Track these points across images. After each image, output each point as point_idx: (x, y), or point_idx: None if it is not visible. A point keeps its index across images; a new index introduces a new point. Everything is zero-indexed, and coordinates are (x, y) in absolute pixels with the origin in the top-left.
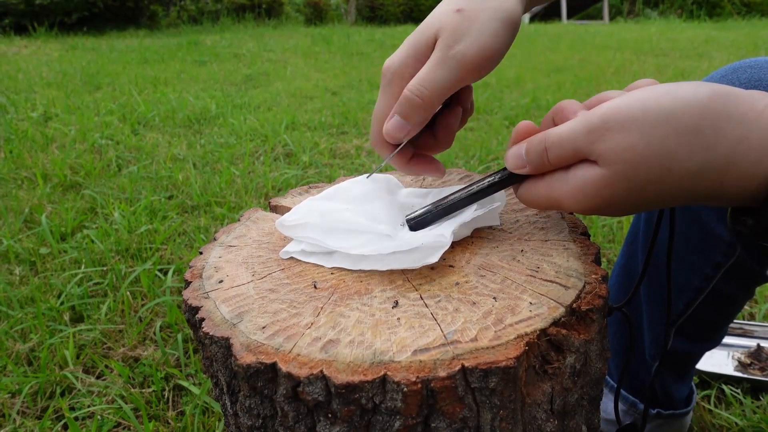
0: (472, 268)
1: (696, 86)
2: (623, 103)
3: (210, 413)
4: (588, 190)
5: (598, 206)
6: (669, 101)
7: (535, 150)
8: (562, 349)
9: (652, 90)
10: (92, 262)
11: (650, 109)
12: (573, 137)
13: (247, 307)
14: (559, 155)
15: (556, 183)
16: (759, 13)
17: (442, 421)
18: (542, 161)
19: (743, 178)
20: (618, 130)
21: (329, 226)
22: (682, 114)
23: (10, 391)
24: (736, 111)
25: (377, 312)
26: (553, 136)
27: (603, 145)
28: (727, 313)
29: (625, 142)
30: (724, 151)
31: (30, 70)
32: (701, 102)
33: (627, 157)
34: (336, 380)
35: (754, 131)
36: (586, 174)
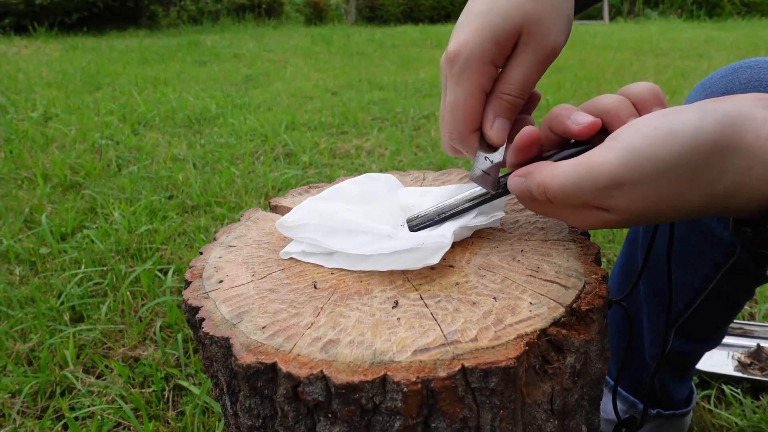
0: (472, 268)
1: (699, 121)
2: (629, 157)
3: (210, 413)
4: (596, 224)
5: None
6: (676, 147)
7: (538, 195)
8: (562, 349)
9: (655, 135)
10: (92, 262)
11: (659, 159)
12: (579, 194)
13: (247, 307)
14: (564, 203)
15: (563, 212)
16: (759, 13)
17: (443, 421)
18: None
19: (747, 201)
20: (628, 187)
21: (329, 227)
22: (689, 156)
23: (10, 391)
24: (741, 143)
25: (377, 312)
26: (556, 189)
27: (614, 201)
28: (727, 314)
29: (637, 195)
30: (729, 184)
31: (30, 70)
32: (709, 140)
33: (639, 207)
34: (336, 380)
35: (759, 160)
36: (596, 215)
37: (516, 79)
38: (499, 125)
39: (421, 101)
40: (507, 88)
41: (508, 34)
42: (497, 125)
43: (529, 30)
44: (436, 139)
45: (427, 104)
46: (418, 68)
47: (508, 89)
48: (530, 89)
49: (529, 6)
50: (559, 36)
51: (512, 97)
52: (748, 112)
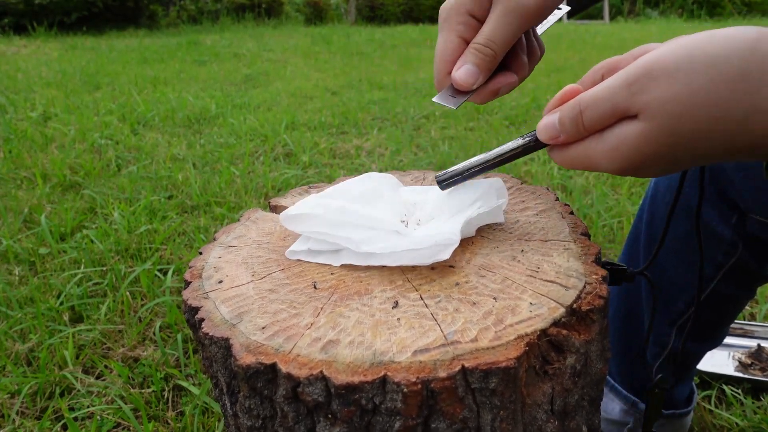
0: (472, 268)
1: (741, 28)
2: (666, 51)
3: (210, 413)
4: (627, 148)
5: (637, 165)
6: (715, 46)
7: (569, 116)
8: (563, 349)
9: (695, 37)
10: (92, 262)
11: (696, 56)
12: (611, 94)
13: (247, 307)
14: (595, 117)
15: (592, 143)
16: (759, 13)
17: (443, 421)
18: (577, 127)
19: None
20: (662, 78)
21: (336, 220)
22: (729, 57)
23: (10, 392)
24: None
25: (377, 312)
26: (588, 96)
27: (645, 96)
28: (728, 313)
29: (669, 92)
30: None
31: (29, 69)
32: (748, 43)
33: (671, 109)
34: (336, 381)
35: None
36: (626, 131)
37: (486, 31)
38: (465, 69)
39: (421, 101)
40: (477, 38)
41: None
42: (463, 69)
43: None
44: (436, 139)
45: (427, 104)
46: (418, 68)
47: (477, 39)
48: (500, 42)
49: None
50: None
51: (480, 46)
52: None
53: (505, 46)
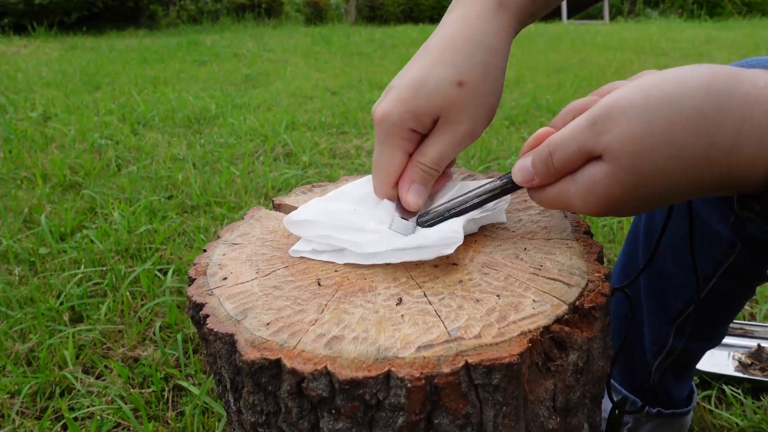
0: (475, 265)
1: (696, 68)
2: (624, 92)
3: (210, 413)
4: (597, 189)
5: (608, 206)
6: (670, 86)
7: (540, 158)
8: (565, 346)
9: (652, 77)
10: (92, 262)
11: (652, 95)
12: (577, 134)
13: (252, 303)
14: (564, 158)
15: (566, 184)
16: (760, 13)
17: (446, 417)
18: (548, 169)
19: (749, 160)
20: (621, 119)
21: (339, 224)
22: (684, 97)
23: (10, 392)
24: (739, 90)
25: (381, 309)
26: (557, 137)
27: (607, 137)
28: (727, 313)
29: (628, 131)
30: (729, 131)
31: (29, 69)
32: (703, 83)
33: (631, 149)
34: (340, 376)
35: (757, 110)
36: (595, 172)
37: (432, 153)
38: (414, 190)
39: None
40: (423, 159)
41: (427, 112)
42: (413, 189)
43: (447, 114)
44: None
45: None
46: None
47: (424, 160)
48: (446, 163)
49: (452, 93)
50: (476, 125)
51: (427, 167)
52: (749, 70)
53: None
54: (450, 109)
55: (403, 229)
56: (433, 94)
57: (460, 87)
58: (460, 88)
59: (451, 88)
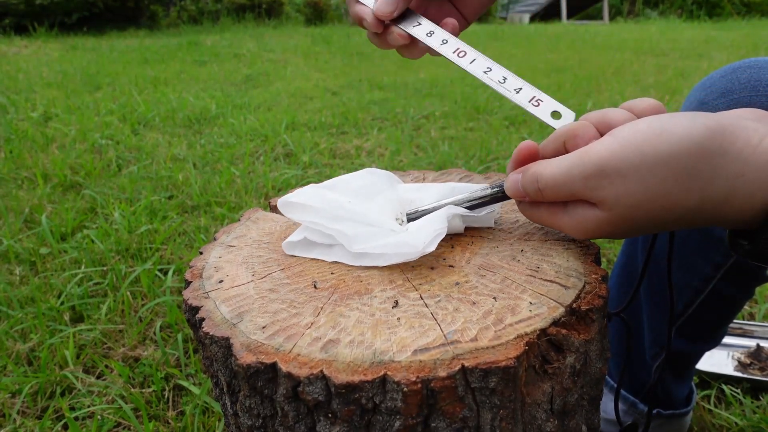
0: (472, 268)
1: (690, 124)
2: (618, 148)
3: (210, 413)
4: (589, 226)
5: (596, 236)
6: (665, 145)
7: (530, 188)
8: (562, 349)
9: (646, 131)
10: (92, 262)
11: (647, 154)
12: (569, 183)
13: (247, 306)
14: (555, 195)
15: (557, 212)
16: (759, 13)
17: (442, 420)
18: (539, 198)
19: (740, 209)
20: (615, 177)
21: (333, 213)
22: (678, 156)
23: (11, 391)
24: (732, 148)
25: (377, 312)
26: (548, 177)
27: (601, 193)
28: (727, 314)
29: (623, 188)
30: (721, 188)
31: (30, 70)
32: (697, 142)
33: (626, 202)
34: (336, 380)
35: (750, 167)
36: (586, 213)
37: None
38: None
39: (421, 101)
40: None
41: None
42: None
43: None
44: (436, 139)
45: (427, 104)
46: (418, 68)
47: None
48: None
49: None
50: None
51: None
52: (739, 122)
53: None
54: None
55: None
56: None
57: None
58: None
59: None
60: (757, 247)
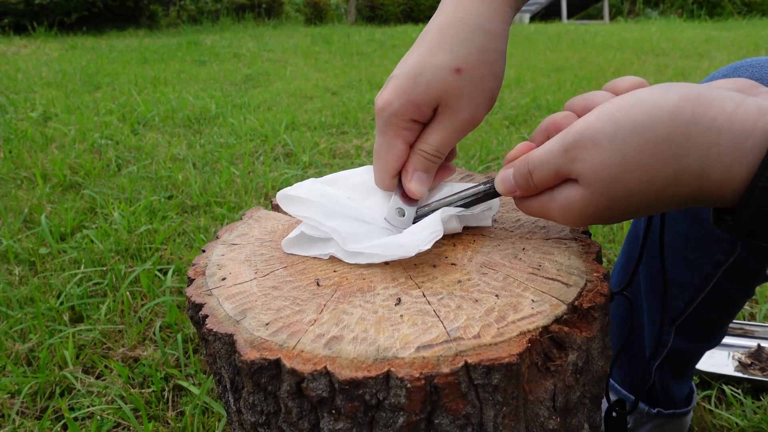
0: (474, 266)
1: (663, 93)
2: (594, 119)
3: (210, 413)
4: (573, 208)
5: (585, 220)
6: (637, 113)
7: (520, 174)
8: (565, 346)
9: (620, 102)
10: (92, 262)
11: (620, 123)
12: (552, 158)
13: (251, 304)
14: (542, 177)
15: (546, 200)
16: (759, 13)
17: (446, 417)
18: (528, 184)
19: (719, 184)
20: (591, 147)
21: (329, 209)
22: (651, 125)
23: (10, 392)
24: (705, 116)
25: (380, 309)
26: (535, 157)
27: (580, 165)
28: (727, 312)
29: (599, 159)
30: (696, 157)
31: (29, 69)
32: (669, 110)
33: (603, 175)
34: (340, 376)
35: (724, 136)
36: (570, 194)
37: (433, 140)
38: (418, 178)
39: None
40: (425, 146)
41: (427, 101)
42: (416, 177)
43: (447, 102)
44: None
45: None
46: None
47: (425, 148)
48: (447, 150)
49: (450, 80)
50: (477, 111)
51: (428, 155)
52: (715, 91)
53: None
54: (449, 97)
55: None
56: (431, 82)
57: (458, 74)
58: (459, 75)
59: (449, 75)
60: (739, 223)
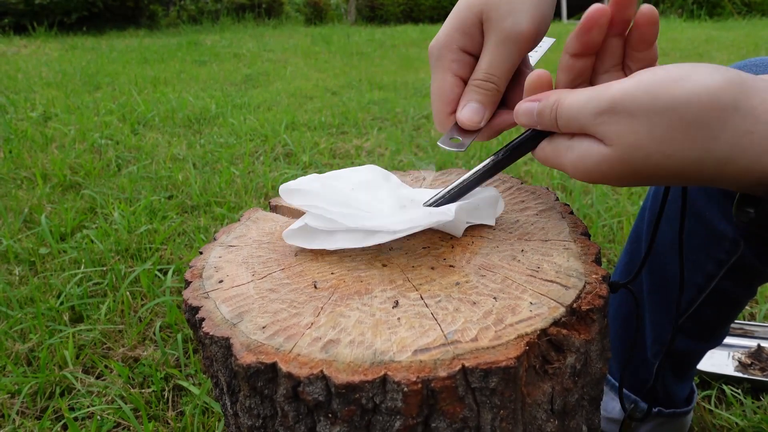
0: (472, 267)
1: (710, 74)
2: (631, 87)
3: (210, 413)
4: (588, 162)
5: (595, 178)
6: (679, 90)
7: (547, 115)
8: (563, 349)
9: (664, 76)
10: (92, 262)
11: (659, 97)
12: (582, 115)
13: (247, 306)
14: (567, 127)
15: (561, 147)
16: (759, 13)
17: (443, 421)
18: (552, 125)
19: (743, 172)
20: (624, 115)
21: (334, 199)
22: (689, 104)
23: (10, 392)
24: (746, 104)
25: (377, 312)
26: (565, 107)
27: (608, 128)
28: (729, 312)
29: (629, 127)
30: (726, 144)
31: (29, 69)
32: (712, 92)
33: (629, 141)
34: (336, 380)
35: (761, 126)
36: (589, 147)
37: (483, 64)
38: (470, 108)
39: (421, 101)
40: (476, 74)
41: (470, 21)
42: (467, 108)
43: (488, 15)
44: (436, 139)
45: (427, 104)
46: (418, 68)
47: (476, 75)
48: (500, 72)
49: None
50: (519, 18)
51: (480, 81)
52: (761, 81)
53: (505, 77)
54: (489, 9)
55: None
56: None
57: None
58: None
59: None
60: (762, 215)
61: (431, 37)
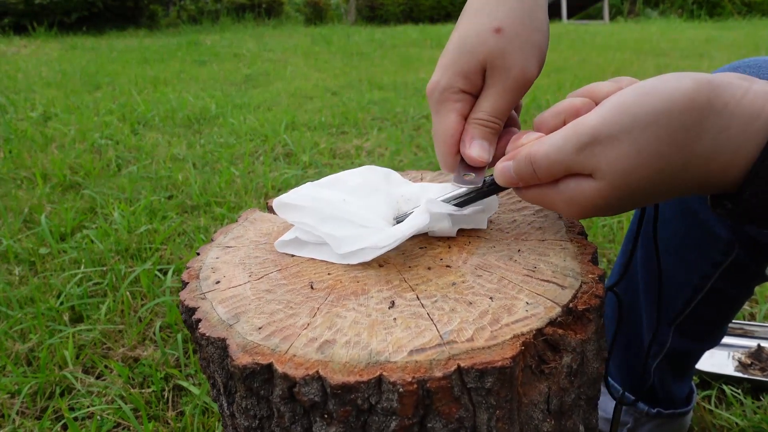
0: (468, 267)
1: (678, 81)
2: (606, 113)
3: (210, 413)
4: (581, 200)
5: (590, 213)
6: (655, 101)
7: (525, 171)
8: (559, 348)
9: (634, 94)
10: (92, 262)
11: (637, 114)
12: (563, 157)
13: (244, 307)
14: (549, 173)
15: (550, 191)
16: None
17: (439, 421)
18: (533, 179)
19: (725, 167)
20: (608, 143)
21: (325, 214)
22: (670, 112)
23: (10, 392)
24: (718, 102)
25: (373, 312)
26: (541, 156)
27: (596, 160)
28: (726, 313)
29: (615, 153)
30: (708, 142)
31: (29, 69)
32: (687, 96)
33: (620, 167)
34: (332, 381)
35: (735, 121)
36: (577, 186)
37: (486, 106)
38: (477, 144)
39: (421, 101)
40: (478, 114)
41: (473, 68)
42: (475, 146)
43: (492, 64)
44: None
45: (427, 104)
46: (418, 68)
47: (479, 115)
48: (502, 114)
49: (492, 41)
50: (525, 67)
51: (483, 121)
52: (727, 79)
53: (506, 116)
54: (493, 58)
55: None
56: (474, 48)
57: (498, 34)
58: (499, 35)
59: (490, 37)
60: (737, 207)
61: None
